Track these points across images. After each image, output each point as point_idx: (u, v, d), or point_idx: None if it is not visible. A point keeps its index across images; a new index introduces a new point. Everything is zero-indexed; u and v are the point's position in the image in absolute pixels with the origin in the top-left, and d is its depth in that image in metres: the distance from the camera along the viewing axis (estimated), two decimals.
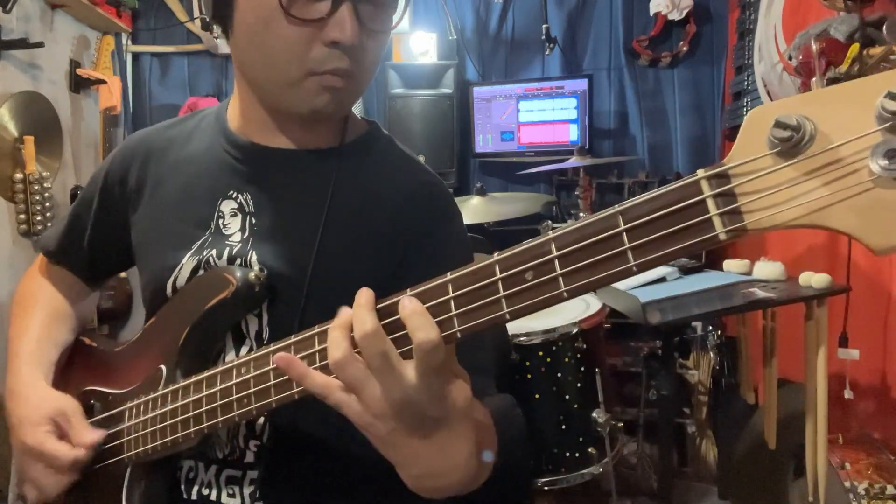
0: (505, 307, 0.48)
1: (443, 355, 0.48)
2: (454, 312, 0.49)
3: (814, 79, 1.48)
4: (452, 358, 0.52)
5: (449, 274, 0.50)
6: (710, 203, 0.41)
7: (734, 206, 0.40)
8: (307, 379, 0.53)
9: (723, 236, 0.40)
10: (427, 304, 0.50)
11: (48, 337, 0.85)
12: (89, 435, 0.74)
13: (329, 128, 0.79)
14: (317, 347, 0.56)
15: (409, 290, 0.52)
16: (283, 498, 0.74)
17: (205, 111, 0.87)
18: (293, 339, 0.58)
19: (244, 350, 0.74)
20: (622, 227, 0.43)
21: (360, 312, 0.50)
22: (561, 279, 0.45)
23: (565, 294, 0.46)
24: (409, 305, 0.49)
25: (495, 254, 0.49)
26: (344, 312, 0.53)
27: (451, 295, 0.49)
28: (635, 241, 0.43)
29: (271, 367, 0.59)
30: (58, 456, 0.73)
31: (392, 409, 0.49)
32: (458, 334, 0.49)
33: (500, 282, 0.48)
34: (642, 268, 0.43)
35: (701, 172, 0.41)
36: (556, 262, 0.46)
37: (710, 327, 2.43)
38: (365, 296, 0.52)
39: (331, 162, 0.77)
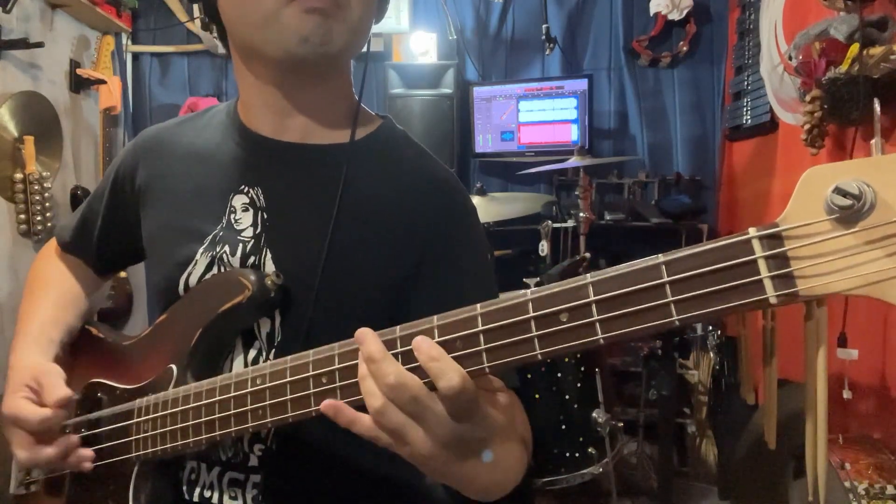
0: (537, 347, 0.46)
1: (472, 392, 0.48)
2: (483, 347, 0.48)
3: (872, 141, 1.42)
4: (484, 380, 0.51)
5: (479, 306, 0.49)
6: (762, 264, 0.39)
7: (787, 270, 0.39)
8: (356, 425, 0.52)
9: (773, 300, 0.39)
10: (456, 335, 0.49)
11: (53, 318, 0.85)
12: (56, 392, 0.72)
13: (341, 121, 0.77)
14: (336, 366, 0.55)
15: (436, 318, 0.50)
16: None
17: (217, 107, 0.86)
18: (312, 356, 0.57)
19: (253, 353, 0.73)
20: (666, 278, 0.42)
21: (376, 368, 0.49)
22: (598, 325, 0.44)
23: (601, 340, 0.44)
24: (424, 350, 0.48)
25: (528, 291, 0.47)
26: (365, 351, 0.50)
27: (481, 328, 0.48)
28: (679, 295, 0.41)
29: (288, 379, 0.58)
30: (27, 418, 0.71)
31: (438, 444, 0.49)
32: (487, 370, 0.48)
33: (533, 321, 0.46)
34: (685, 322, 0.42)
35: (753, 231, 0.40)
36: (594, 307, 0.44)
37: (710, 327, 2.43)
38: (373, 345, 0.50)
39: (343, 157, 0.75)
